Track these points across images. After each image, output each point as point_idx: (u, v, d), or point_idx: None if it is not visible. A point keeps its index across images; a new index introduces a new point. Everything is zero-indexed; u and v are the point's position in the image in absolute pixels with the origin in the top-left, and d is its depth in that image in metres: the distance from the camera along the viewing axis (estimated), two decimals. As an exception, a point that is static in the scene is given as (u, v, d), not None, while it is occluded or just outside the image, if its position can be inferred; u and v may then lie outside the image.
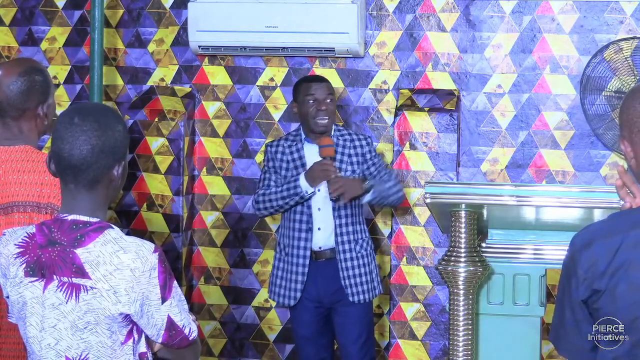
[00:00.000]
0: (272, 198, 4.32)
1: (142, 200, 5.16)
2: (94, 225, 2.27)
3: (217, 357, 5.28)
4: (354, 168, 4.37)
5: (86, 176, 2.28)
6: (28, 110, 2.92)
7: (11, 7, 5.40)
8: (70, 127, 2.27)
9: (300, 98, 4.37)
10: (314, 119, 4.32)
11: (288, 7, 4.94)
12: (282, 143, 4.42)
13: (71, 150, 2.26)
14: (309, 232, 4.32)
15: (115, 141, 2.30)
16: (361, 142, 4.43)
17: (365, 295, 4.36)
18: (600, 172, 4.89)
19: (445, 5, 4.98)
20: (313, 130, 4.35)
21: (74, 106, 2.38)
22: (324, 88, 4.37)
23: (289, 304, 4.38)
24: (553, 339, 2.28)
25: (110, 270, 2.22)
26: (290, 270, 4.36)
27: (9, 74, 2.91)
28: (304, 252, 4.32)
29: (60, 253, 2.26)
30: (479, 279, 3.57)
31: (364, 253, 4.38)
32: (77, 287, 2.24)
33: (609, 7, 4.85)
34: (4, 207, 2.81)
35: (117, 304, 2.23)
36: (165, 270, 2.27)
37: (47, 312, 2.27)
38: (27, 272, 2.28)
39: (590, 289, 2.13)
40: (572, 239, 2.20)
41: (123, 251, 2.24)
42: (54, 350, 2.28)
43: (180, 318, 2.31)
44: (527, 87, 4.94)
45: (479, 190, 3.54)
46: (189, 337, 2.35)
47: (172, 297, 2.29)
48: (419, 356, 4.99)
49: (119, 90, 5.32)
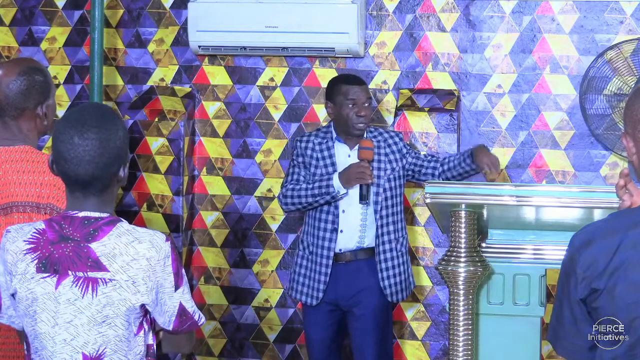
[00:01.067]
0: (301, 194, 4.26)
1: (142, 200, 5.16)
2: (106, 219, 2.32)
3: (217, 357, 5.28)
4: (393, 166, 4.32)
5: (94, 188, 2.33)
6: (27, 109, 2.92)
7: (11, 7, 5.40)
8: (72, 149, 2.28)
9: (339, 100, 4.28)
10: (353, 122, 4.26)
11: (288, 7, 4.94)
12: (312, 139, 4.36)
13: (77, 170, 2.30)
14: (334, 232, 4.27)
15: (118, 149, 2.33)
16: (394, 139, 4.38)
17: (404, 294, 4.36)
18: (600, 172, 4.89)
19: (445, 5, 4.99)
20: (349, 133, 4.30)
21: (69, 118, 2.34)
22: (364, 92, 4.31)
23: (312, 304, 4.32)
24: (551, 339, 2.28)
25: (127, 261, 2.27)
26: (313, 269, 4.31)
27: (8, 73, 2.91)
28: (328, 252, 4.27)
29: (74, 249, 2.29)
30: (479, 279, 3.57)
31: (404, 251, 4.36)
32: (94, 280, 2.28)
33: (609, 7, 4.85)
34: (3, 208, 2.81)
35: (136, 293, 2.28)
36: (178, 258, 2.35)
37: (61, 308, 2.29)
38: (39, 268, 2.30)
39: (589, 288, 2.13)
40: (572, 238, 2.20)
41: (138, 241, 2.29)
42: (70, 346, 2.29)
43: (191, 304, 2.37)
44: (527, 87, 4.94)
45: (479, 190, 3.54)
46: (198, 322, 2.40)
47: (184, 284, 2.35)
48: (419, 356, 4.99)
49: (119, 90, 5.32)
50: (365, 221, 4.29)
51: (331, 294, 4.30)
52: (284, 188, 4.34)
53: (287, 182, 4.34)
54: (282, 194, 4.33)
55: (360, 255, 4.30)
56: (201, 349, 5.28)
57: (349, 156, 4.32)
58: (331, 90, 4.35)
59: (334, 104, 4.31)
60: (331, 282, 4.29)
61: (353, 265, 4.29)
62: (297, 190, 4.28)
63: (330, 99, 4.33)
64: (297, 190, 4.28)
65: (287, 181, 4.35)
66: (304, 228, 4.41)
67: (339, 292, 4.30)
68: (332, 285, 4.29)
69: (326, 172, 4.29)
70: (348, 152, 4.33)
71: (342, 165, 4.28)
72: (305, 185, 4.27)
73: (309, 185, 4.26)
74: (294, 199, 4.28)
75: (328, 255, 4.28)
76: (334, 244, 4.27)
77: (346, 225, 4.28)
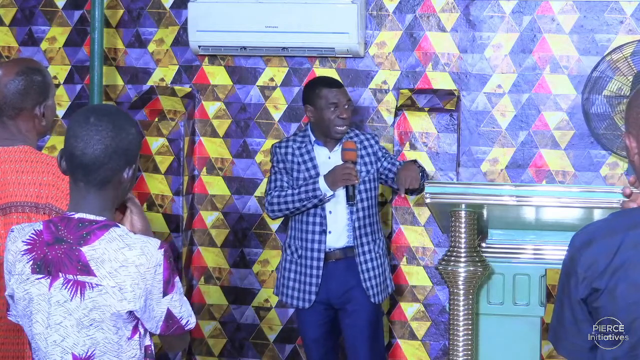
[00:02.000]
0: (288, 200, 4.27)
1: (142, 200, 5.15)
2: (100, 223, 2.29)
3: (217, 357, 5.28)
4: (369, 168, 4.34)
5: (97, 175, 2.30)
6: (25, 110, 2.91)
7: (11, 7, 5.40)
8: (85, 126, 2.29)
9: (320, 103, 4.29)
10: (334, 125, 4.27)
11: (288, 7, 4.94)
12: (291, 144, 4.37)
13: (85, 149, 2.28)
14: (322, 234, 4.29)
15: (129, 144, 2.33)
16: (369, 141, 4.41)
17: (383, 295, 4.38)
18: (600, 172, 4.89)
19: (445, 5, 4.98)
20: (329, 136, 4.32)
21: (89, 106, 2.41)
22: (344, 94, 4.33)
23: (304, 307, 4.35)
24: (552, 339, 2.28)
25: (115, 267, 2.25)
26: (303, 272, 4.33)
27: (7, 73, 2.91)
28: (318, 254, 4.30)
29: (66, 251, 2.28)
30: (479, 279, 3.57)
31: (381, 252, 4.38)
32: (82, 284, 2.26)
33: (609, 7, 4.85)
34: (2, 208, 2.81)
35: (122, 300, 2.25)
36: (170, 267, 2.30)
37: (52, 309, 2.29)
38: (34, 269, 2.30)
39: (590, 288, 2.13)
40: (572, 238, 2.20)
41: (128, 248, 2.26)
42: (60, 347, 2.29)
43: (179, 311, 2.34)
44: (527, 87, 4.94)
45: (479, 190, 3.54)
46: (185, 327, 2.37)
47: (174, 292, 2.32)
48: (419, 356, 4.99)
49: (119, 90, 5.32)
50: (351, 221, 4.31)
51: (323, 294, 4.33)
52: (269, 196, 4.33)
53: (271, 189, 4.34)
54: (268, 201, 4.33)
55: (350, 252, 4.33)
56: (201, 349, 5.28)
57: (329, 158, 4.35)
58: (311, 94, 4.34)
59: (314, 107, 4.32)
60: (322, 282, 4.31)
61: (343, 263, 4.33)
62: (284, 197, 4.28)
63: (310, 102, 4.33)
64: (283, 196, 4.28)
65: (271, 188, 4.35)
66: (290, 233, 4.42)
67: (330, 291, 4.33)
68: (324, 284, 4.32)
69: (309, 175, 4.31)
70: (328, 154, 4.35)
71: (323, 167, 4.30)
72: (292, 191, 4.27)
73: (294, 190, 4.27)
74: (281, 205, 4.29)
75: (319, 257, 4.30)
76: (323, 245, 4.30)
77: (334, 226, 4.31)
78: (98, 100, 4.94)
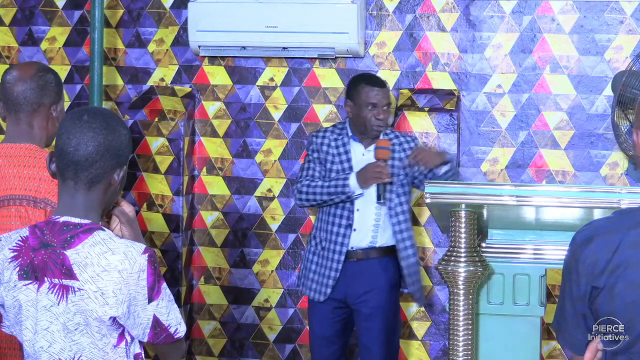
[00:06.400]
0: (317, 191, 4.23)
1: (142, 200, 5.16)
2: (85, 226, 2.27)
3: (217, 357, 5.28)
4: (407, 171, 4.30)
5: (88, 174, 2.29)
6: (43, 106, 2.97)
7: (11, 7, 5.40)
8: (78, 123, 2.29)
9: (359, 100, 4.26)
10: (371, 125, 4.25)
11: (288, 7, 4.94)
12: (328, 135, 4.33)
13: (77, 145, 2.27)
14: (348, 228, 4.25)
15: (121, 144, 2.32)
16: (410, 144, 4.35)
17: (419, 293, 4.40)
18: (600, 172, 4.89)
19: (445, 5, 4.99)
20: (365, 134, 4.29)
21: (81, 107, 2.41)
22: (386, 96, 4.29)
23: (319, 299, 4.31)
24: (555, 328, 2.31)
25: (97, 272, 2.22)
26: (324, 265, 4.29)
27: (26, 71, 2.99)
28: (340, 248, 4.26)
29: (51, 255, 2.25)
30: (479, 279, 3.57)
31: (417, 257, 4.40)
32: (66, 288, 2.24)
33: (609, 7, 4.85)
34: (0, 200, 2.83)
35: (104, 305, 2.22)
36: (155, 272, 2.26)
37: (40, 315, 2.27)
38: (21, 276, 2.28)
39: (590, 285, 2.14)
40: (574, 235, 2.21)
41: (111, 252, 2.23)
42: (47, 353, 2.27)
43: (166, 318, 2.30)
44: (527, 87, 4.94)
45: (479, 190, 3.54)
46: (173, 335, 2.33)
47: (160, 298, 2.27)
48: (419, 356, 4.99)
49: (119, 90, 5.32)
50: (378, 221, 4.28)
51: (340, 291, 4.29)
52: (299, 183, 4.29)
53: (303, 177, 4.30)
54: (297, 189, 4.29)
55: (372, 254, 4.29)
56: (201, 349, 5.28)
57: (363, 155, 4.31)
58: (353, 90, 4.32)
59: (353, 103, 4.29)
60: (341, 279, 4.28)
61: (365, 264, 4.29)
62: (313, 187, 4.25)
63: (351, 97, 4.31)
64: (312, 187, 4.25)
65: (302, 176, 4.31)
66: (316, 224, 4.38)
67: (348, 290, 4.29)
68: (342, 282, 4.28)
69: (342, 168, 4.27)
70: (363, 150, 4.32)
71: (357, 163, 4.26)
72: (322, 183, 4.24)
73: (324, 182, 4.23)
74: (309, 195, 4.26)
75: (340, 251, 4.26)
76: (347, 240, 4.26)
77: (360, 224, 4.27)
78: (98, 101, 4.94)
